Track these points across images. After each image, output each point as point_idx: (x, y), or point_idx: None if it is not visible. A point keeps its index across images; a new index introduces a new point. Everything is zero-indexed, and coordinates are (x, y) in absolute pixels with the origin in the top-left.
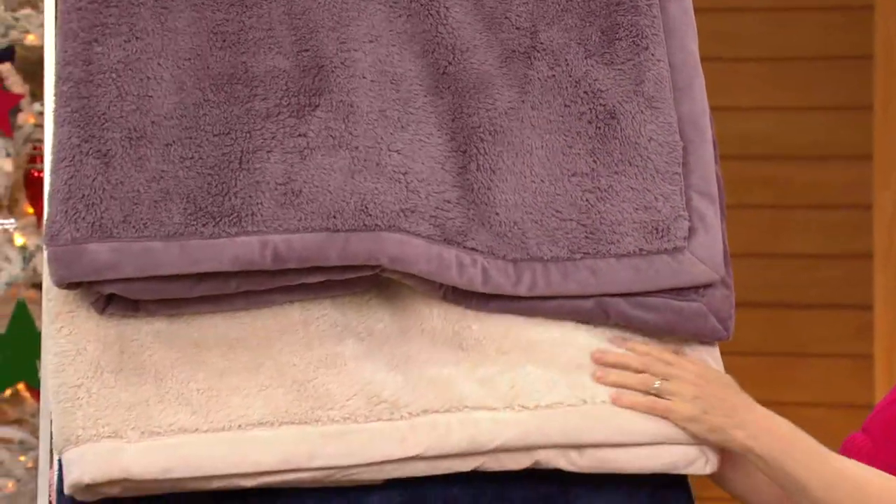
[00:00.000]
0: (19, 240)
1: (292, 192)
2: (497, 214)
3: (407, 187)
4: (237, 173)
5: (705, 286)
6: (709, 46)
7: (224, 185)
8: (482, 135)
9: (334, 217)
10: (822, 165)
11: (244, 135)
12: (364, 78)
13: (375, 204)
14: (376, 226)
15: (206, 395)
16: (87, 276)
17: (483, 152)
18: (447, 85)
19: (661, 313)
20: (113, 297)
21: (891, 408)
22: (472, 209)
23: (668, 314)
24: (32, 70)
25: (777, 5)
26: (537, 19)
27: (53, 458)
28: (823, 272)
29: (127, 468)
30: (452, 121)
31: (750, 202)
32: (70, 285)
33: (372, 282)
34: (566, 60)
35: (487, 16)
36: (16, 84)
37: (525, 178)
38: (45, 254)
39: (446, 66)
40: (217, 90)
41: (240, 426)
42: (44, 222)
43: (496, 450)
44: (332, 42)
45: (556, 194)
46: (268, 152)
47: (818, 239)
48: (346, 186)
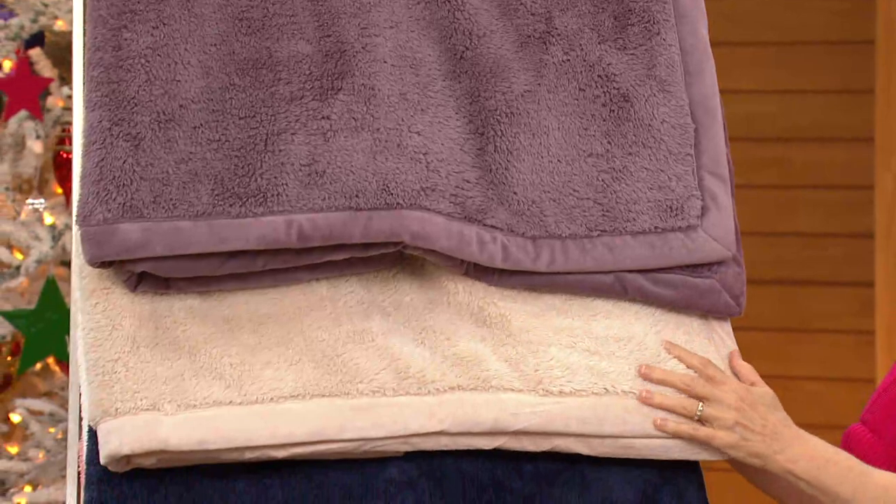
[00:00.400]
0: (49, 219)
1: (316, 173)
2: (515, 193)
3: (427, 167)
4: (262, 155)
5: (718, 263)
6: (717, 31)
7: (250, 166)
8: (499, 117)
9: (357, 196)
10: (826, 147)
11: (269, 118)
12: (385, 62)
13: (397, 183)
14: (398, 204)
15: (239, 370)
16: (119, 255)
17: (500, 134)
18: (465, 69)
19: (678, 289)
20: (144, 275)
21: (886, 395)
22: (491, 189)
23: (685, 290)
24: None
25: None
26: (552, 5)
27: (82, 429)
28: (828, 251)
29: (164, 440)
30: (470, 104)
31: (756, 182)
32: (102, 264)
33: (395, 259)
34: (580, 45)
35: (503, 2)
36: (45, 68)
37: (542, 158)
38: (78, 233)
39: (464, 51)
40: (242, 75)
41: (272, 399)
42: (74, 203)
43: (518, 432)
44: (354, 28)
45: (573, 174)
46: (292, 134)
47: (822, 218)
48: (368, 167)
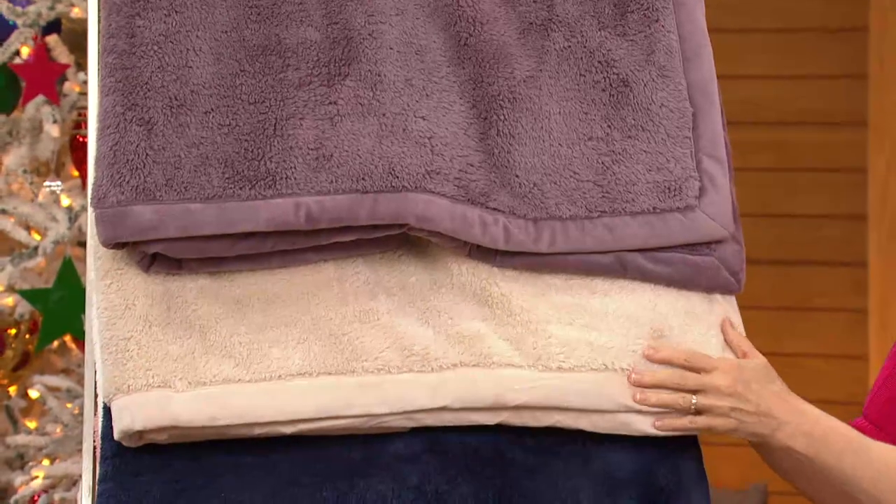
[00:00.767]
0: (65, 201)
1: (323, 157)
2: (517, 177)
3: (432, 151)
4: (272, 139)
5: (717, 242)
6: (715, 18)
7: (259, 150)
8: (502, 102)
9: (363, 179)
10: (821, 131)
11: (278, 103)
12: (391, 49)
13: (402, 167)
14: (403, 187)
15: (248, 348)
16: (132, 237)
17: (503, 118)
18: (468, 55)
19: (676, 267)
20: (157, 256)
21: (886, 388)
22: (494, 172)
23: (683, 267)
24: (77, 41)
25: None
26: None
27: (98, 405)
28: (823, 231)
29: (176, 416)
30: (474, 89)
31: (754, 165)
32: (116, 245)
33: (401, 241)
34: (581, 32)
35: None
36: (62, 55)
37: (543, 142)
38: (93, 215)
39: (467, 38)
40: (252, 61)
41: (280, 377)
42: (89, 185)
43: (518, 407)
44: (361, 15)
45: (574, 157)
46: (300, 119)
47: (818, 200)
48: (374, 151)
